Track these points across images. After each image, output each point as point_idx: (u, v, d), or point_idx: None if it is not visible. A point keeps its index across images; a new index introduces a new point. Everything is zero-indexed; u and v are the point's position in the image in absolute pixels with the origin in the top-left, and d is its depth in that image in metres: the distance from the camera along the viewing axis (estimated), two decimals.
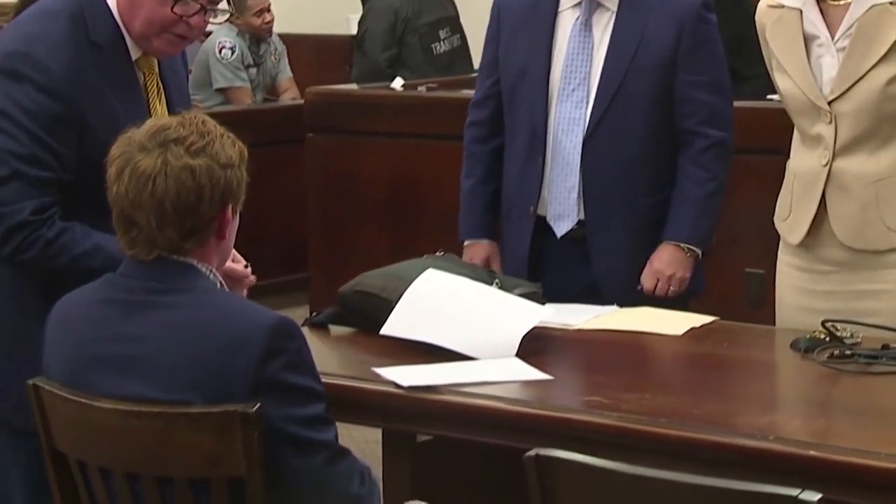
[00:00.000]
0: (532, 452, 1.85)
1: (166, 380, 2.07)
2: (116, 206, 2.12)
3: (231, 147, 2.15)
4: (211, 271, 2.17)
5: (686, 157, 3.16)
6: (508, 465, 2.09)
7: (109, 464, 2.14)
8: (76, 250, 2.47)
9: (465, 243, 3.35)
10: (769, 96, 3.15)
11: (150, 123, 2.16)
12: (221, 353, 2.05)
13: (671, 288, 3.15)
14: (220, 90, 6.45)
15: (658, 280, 3.15)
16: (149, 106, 2.61)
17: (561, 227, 3.19)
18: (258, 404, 2.04)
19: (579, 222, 3.18)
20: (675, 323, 2.86)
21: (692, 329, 2.83)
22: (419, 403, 2.40)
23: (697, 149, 3.15)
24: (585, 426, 2.29)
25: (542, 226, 3.21)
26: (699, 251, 3.18)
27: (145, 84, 2.62)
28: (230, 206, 2.15)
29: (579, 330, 2.83)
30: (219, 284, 2.20)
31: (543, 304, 2.80)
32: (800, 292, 2.92)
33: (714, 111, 3.15)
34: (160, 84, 2.64)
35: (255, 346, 2.04)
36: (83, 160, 2.49)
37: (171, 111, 2.63)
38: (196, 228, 2.12)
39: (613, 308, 3.00)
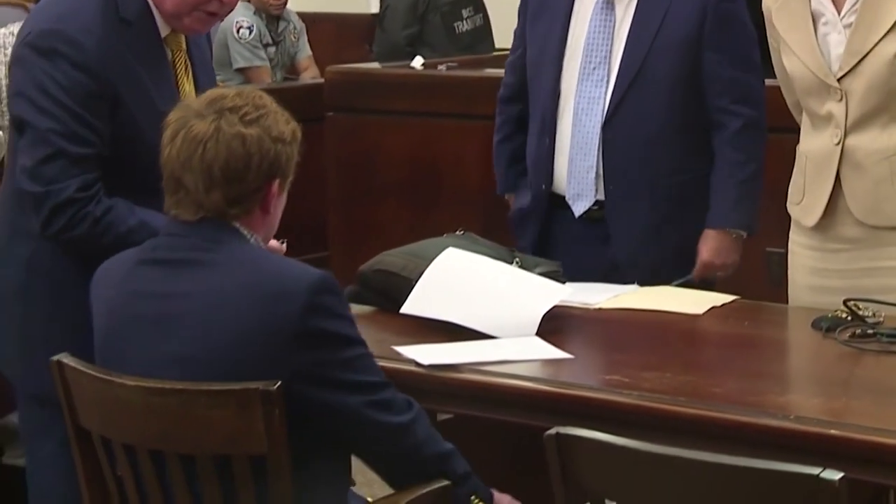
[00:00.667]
0: (552, 431, 1.86)
1: (207, 337, 2.10)
2: (167, 168, 2.17)
3: (284, 124, 2.20)
4: (254, 237, 2.20)
5: (722, 139, 3.14)
6: (528, 444, 2.10)
7: (133, 440, 2.16)
8: (122, 227, 2.49)
9: (506, 197, 3.38)
10: (767, 81, 3.14)
11: (208, 93, 2.21)
12: (264, 307, 2.08)
13: (719, 273, 3.15)
14: (240, 70, 6.45)
15: (705, 268, 3.14)
16: (177, 83, 2.63)
17: (579, 207, 3.18)
18: (279, 382, 2.05)
19: (598, 202, 3.17)
20: (695, 302, 2.86)
21: (713, 308, 2.83)
22: (439, 382, 2.41)
23: (732, 130, 3.13)
24: (605, 405, 2.30)
25: (561, 204, 3.20)
26: (744, 233, 3.17)
27: (173, 61, 2.64)
28: (277, 181, 2.18)
29: (599, 309, 2.84)
30: None
31: (563, 283, 2.81)
32: (812, 272, 2.90)
33: (745, 89, 3.13)
34: (188, 61, 2.66)
35: (298, 300, 2.08)
36: (116, 136, 2.51)
37: (197, 89, 2.65)
38: (241, 196, 2.15)
39: (634, 287, 3.00)
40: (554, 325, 2.61)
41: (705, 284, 3.13)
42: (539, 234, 3.22)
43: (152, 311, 2.15)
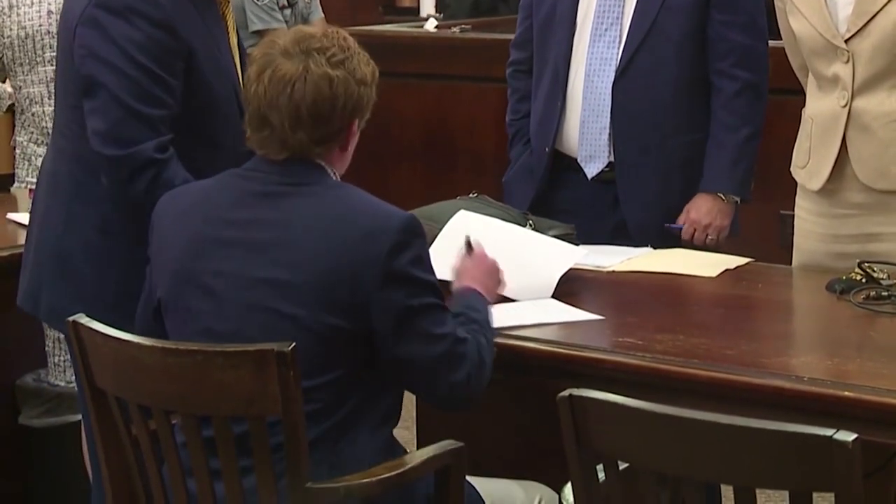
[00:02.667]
0: (566, 393, 1.86)
1: (299, 263, 2.15)
2: (252, 104, 2.21)
3: (366, 66, 2.26)
4: (334, 173, 2.26)
5: (718, 103, 3.13)
6: (542, 406, 2.11)
7: (149, 401, 2.17)
8: None
9: None
10: (771, 42, 3.12)
11: (293, 31, 2.25)
12: (357, 243, 2.14)
13: (709, 237, 3.14)
14: (257, 32, 6.42)
15: (695, 230, 3.13)
16: (228, 36, 2.63)
17: (591, 169, 3.17)
18: (293, 344, 2.05)
19: (609, 164, 3.16)
20: (709, 264, 2.85)
21: (726, 270, 2.82)
22: None
23: (729, 93, 3.11)
24: (619, 367, 2.30)
25: (571, 166, 3.20)
26: (738, 198, 3.16)
27: (223, 13, 2.65)
28: (357, 121, 2.25)
29: (612, 271, 2.83)
30: None
31: (577, 245, 2.80)
32: (818, 238, 2.89)
33: (747, 52, 3.11)
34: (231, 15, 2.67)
35: (388, 238, 2.14)
36: (189, 92, 2.51)
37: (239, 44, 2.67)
38: (326, 136, 2.22)
39: (647, 250, 3.00)
40: (567, 287, 2.61)
41: (714, 246, 3.12)
42: (537, 196, 3.21)
43: (241, 235, 2.20)
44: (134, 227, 2.51)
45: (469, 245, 2.50)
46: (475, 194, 2.96)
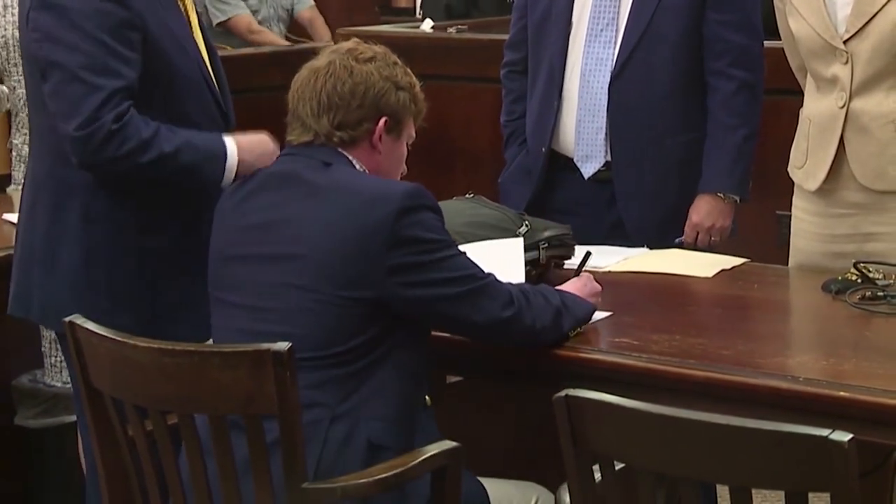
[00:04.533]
0: (562, 393, 1.86)
1: (311, 237, 2.24)
2: (290, 107, 2.36)
3: (403, 73, 2.38)
4: (363, 169, 2.34)
5: (715, 103, 3.13)
6: (537, 406, 2.11)
7: (145, 402, 2.17)
8: (167, 147, 2.47)
9: None
10: (767, 43, 3.12)
11: (340, 45, 2.39)
12: (361, 210, 2.22)
13: (712, 238, 3.14)
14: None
15: (698, 233, 3.14)
16: (186, 11, 2.64)
17: (588, 169, 3.18)
18: (289, 345, 2.06)
19: (606, 163, 3.16)
20: (705, 265, 2.86)
21: (722, 271, 2.83)
22: (447, 345, 2.41)
23: (726, 93, 3.11)
24: (615, 367, 2.30)
25: (567, 165, 3.20)
26: (737, 197, 3.16)
27: None
28: (385, 120, 2.33)
29: (609, 272, 2.84)
30: None
31: (573, 245, 2.81)
32: (814, 237, 2.89)
33: (743, 52, 3.11)
34: None
35: (394, 204, 2.22)
36: (150, 64, 2.51)
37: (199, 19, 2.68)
38: (346, 122, 2.32)
39: (643, 250, 3.00)
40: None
41: (706, 250, 3.12)
42: (534, 197, 3.21)
43: (260, 219, 2.31)
44: (122, 214, 2.53)
45: (578, 272, 2.57)
46: (471, 195, 2.96)
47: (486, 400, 2.33)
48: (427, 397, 2.35)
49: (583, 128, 3.16)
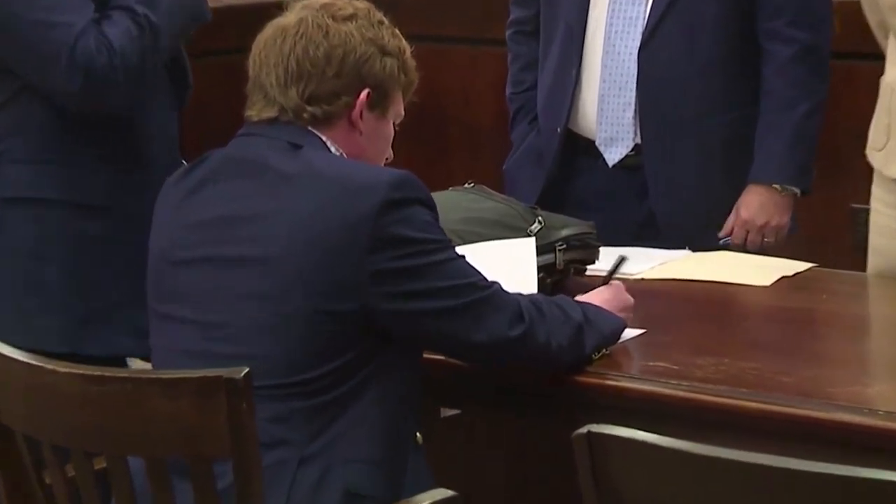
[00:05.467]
0: (584, 430, 1.85)
1: (279, 237, 2.25)
2: (251, 74, 2.35)
3: (390, 35, 2.37)
4: (340, 153, 2.34)
5: (771, 71, 3.13)
6: (551, 445, 2.12)
7: (66, 441, 2.17)
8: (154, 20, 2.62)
9: None
10: None
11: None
12: (339, 202, 2.23)
13: (766, 239, 3.15)
14: None
15: (748, 232, 3.14)
16: None
17: (613, 154, 3.19)
18: (246, 370, 2.06)
19: (635, 147, 3.17)
20: (761, 271, 2.87)
21: (782, 278, 2.83)
22: (442, 371, 2.42)
23: (784, 59, 3.12)
24: (649, 397, 2.32)
25: (588, 150, 3.20)
26: (797, 189, 3.17)
27: None
28: (368, 93, 2.33)
29: (641, 279, 2.85)
30: None
31: (598, 247, 2.82)
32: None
33: (804, 7, 3.12)
34: None
35: (377, 196, 2.22)
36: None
37: None
38: (320, 95, 2.32)
39: (684, 253, 3.01)
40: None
41: (757, 253, 3.13)
42: (548, 187, 3.21)
43: (213, 215, 2.32)
44: (47, 192, 2.62)
45: (607, 280, 2.58)
46: (471, 184, 2.96)
47: (488, 437, 2.34)
48: (417, 434, 2.36)
49: (606, 104, 3.17)
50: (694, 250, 3.05)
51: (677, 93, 3.13)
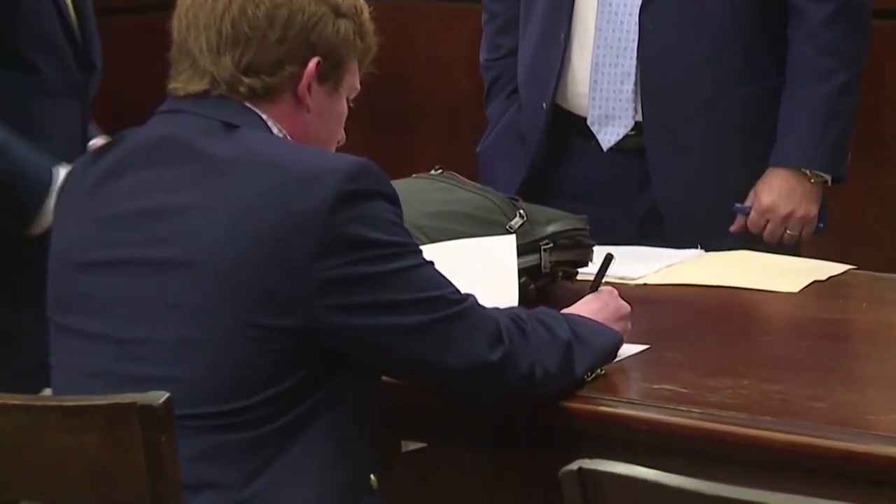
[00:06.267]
0: (574, 465, 1.86)
1: (206, 237, 2.24)
2: (176, 38, 2.35)
3: None
4: (284, 134, 2.35)
5: (800, 35, 3.15)
6: (534, 484, 2.12)
7: None
8: None
9: None
10: None
11: None
12: (287, 197, 2.22)
13: (788, 232, 3.15)
14: None
15: (768, 221, 3.15)
16: None
17: (608, 135, 3.20)
18: (166, 395, 2.05)
19: (636, 126, 3.17)
20: (787, 274, 2.87)
21: (813, 283, 2.84)
22: (402, 397, 2.43)
23: (816, 20, 3.13)
24: (653, 427, 2.31)
25: (579, 129, 3.21)
26: (828, 176, 3.17)
27: None
28: (318, 62, 2.33)
29: (645, 285, 2.86)
30: None
31: (591, 246, 2.82)
32: None
33: None
34: None
35: (330, 188, 2.22)
36: None
37: None
38: (259, 65, 2.31)
39: (695, 252, 3.02)
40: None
41: (792, 248, 3.13)
42: (532, 173, 3.22)
43: (129, 209, 2.30)
44: None
45: (596, 285, 2.57)
46: (439, 170, 2.97)
47: (459, 476, 2.33)
48: (372, 477, 2.36)
49: (601, 74, 3.18)
50: (706, 250, 3.05)
51: (686, 61, 3.14)
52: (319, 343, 2.23)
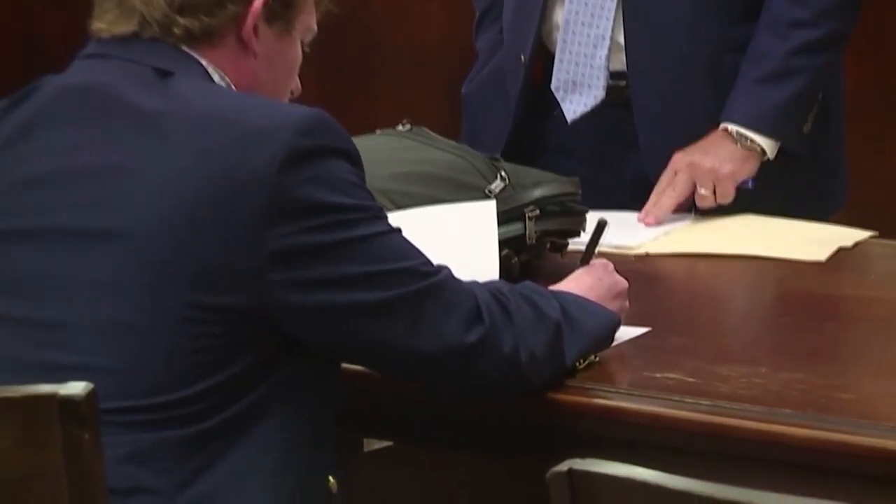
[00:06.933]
0: (563, 466, 1.86)
1: (133, 203, 2.24)
2: None
3: None
4: (225, 81, 2.36)
5: None
6: (515, 486, 2.12)
7: None
8: None
9: None
10: None
11: None
12: (229, 155, 2.23)
13: (701, 189, 3.14)
14: None
15: (677, 172, 3.15)
16: None
17: (574, 104, 3.24)
18: (89, 386, 2.06)
19: (622, 77, 3.19)
20: (806, 241, 2.90)
21: (839, 255, 2.86)
22: (366, 388, 2.44)
23: None
24: (654, 422, 2.32)
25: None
26: (759, 139, 3.17)
27: None
28: (266, 1, 2.34)
29: (646, 255, 2.88)
30: None
31: (584, 213, 2.84)
32: None
33: None
34: None
35: (279, 143, 2.22)
36: None
37: None
38: (196, 4, 2.33)
39: (689, 217, 3.05)
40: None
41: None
42: (516, 130, 3.25)
43: (47, 169, 2.31)
44: None
45: (587, 258, 2.58)
46: (407, 125, 2.97)
47: (431, 478, 2.34)
48: (331, 479, 2.37)
49: (571, 34, 3.22)
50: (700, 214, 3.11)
51: (675, 22, 3.17)
52: (269, 325, 2.23)
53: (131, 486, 2.20)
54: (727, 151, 3.14)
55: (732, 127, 3.15)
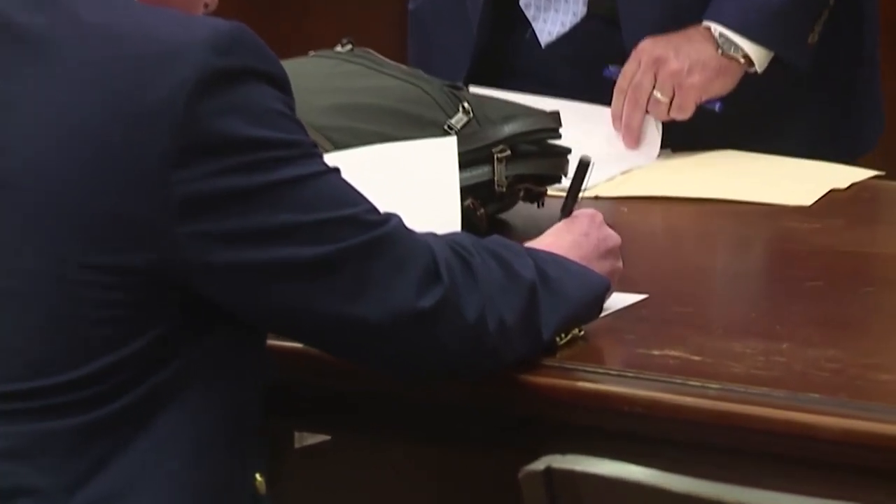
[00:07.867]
0: (539, 463, 1.88)
1: (32, 148, 2.25)
2: None
3: None
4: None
5: None
6: (481, 485, 2.13)
7: None
8: None
9: None
10: None
11: None
12: (128, 85, 2.24)
13: (655, 92, 3.17)
14: None
15: (640, 64, 3.19)
16: None
17: (548, 25, 3.29)
18: None
19: (594, 2, 3.24)
20: (796, 180, 2.95)
21: (832, 193, 2.91)
22: (299, 369, 2.46)
23: None
24: (653, 410, 2.33)
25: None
26: (747, 51, 3.21)
27: None
28: None
29: (615, 199, 2.94)
30: None
31: (566, 154, 2.88)
32: None
33: None
34: None
35: (189, 63, 2.22)
36: None
37: None
38: None
39: (667, 153, 3.10)
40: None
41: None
42: (477, 55, 3.31)
43: None
44: None
45: (568, 208, 2.59)
46: (348, 46, 2.98)
47: (378, 479, 2.35)
48: (258, 476, 2.39)
49: None
50: (673, 150, 3.18)
51: None
52: (179, 288, 2.24)
53: (11, 486, 2.22)
54: (702, 56, 3.20)
55: (716, 27, 3.19)
